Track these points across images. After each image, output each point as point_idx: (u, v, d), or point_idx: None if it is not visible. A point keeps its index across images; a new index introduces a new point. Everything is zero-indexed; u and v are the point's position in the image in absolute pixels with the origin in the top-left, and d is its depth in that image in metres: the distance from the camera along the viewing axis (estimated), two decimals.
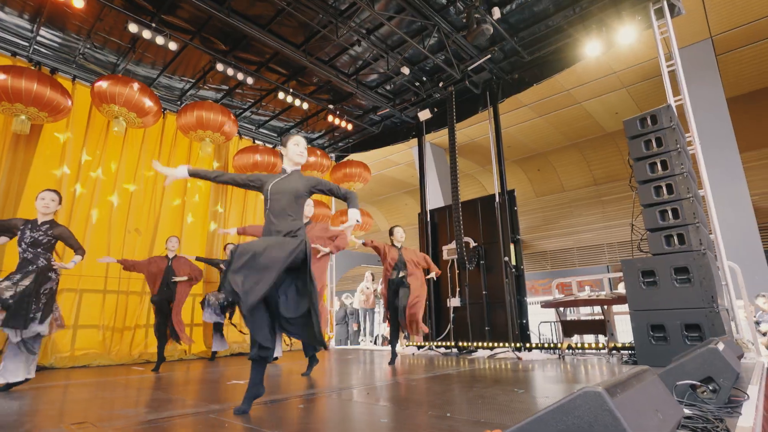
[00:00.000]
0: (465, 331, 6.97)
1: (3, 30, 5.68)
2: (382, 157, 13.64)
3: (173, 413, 2.47)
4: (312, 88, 7.51)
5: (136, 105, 5.72)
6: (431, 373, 4.18)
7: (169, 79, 7.01)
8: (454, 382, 3.49)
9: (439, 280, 7.70)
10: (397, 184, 17.02)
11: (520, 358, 5.39)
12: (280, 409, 2.56)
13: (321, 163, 8.21)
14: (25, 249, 3.51)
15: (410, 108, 8.11)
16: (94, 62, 6.39)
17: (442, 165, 12.86)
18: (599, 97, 11.01)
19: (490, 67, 7.01)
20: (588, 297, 5.23)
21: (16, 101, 4.90)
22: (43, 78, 5.15)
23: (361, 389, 3.25)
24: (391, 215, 19.70)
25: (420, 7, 5.65)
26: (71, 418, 2.36)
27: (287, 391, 3.24)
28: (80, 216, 6.08)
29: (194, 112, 6.24)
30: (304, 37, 6.25)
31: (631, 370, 1.14)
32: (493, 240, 6.96)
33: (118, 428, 2.10)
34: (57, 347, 5.56)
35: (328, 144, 9.70)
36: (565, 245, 15.67)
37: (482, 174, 15.56)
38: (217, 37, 6.11)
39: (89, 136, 6.32)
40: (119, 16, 5.49)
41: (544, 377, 3.76)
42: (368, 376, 4.17)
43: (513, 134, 12.82)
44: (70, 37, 5.88)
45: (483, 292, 6.93)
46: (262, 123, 8.59)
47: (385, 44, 6.51)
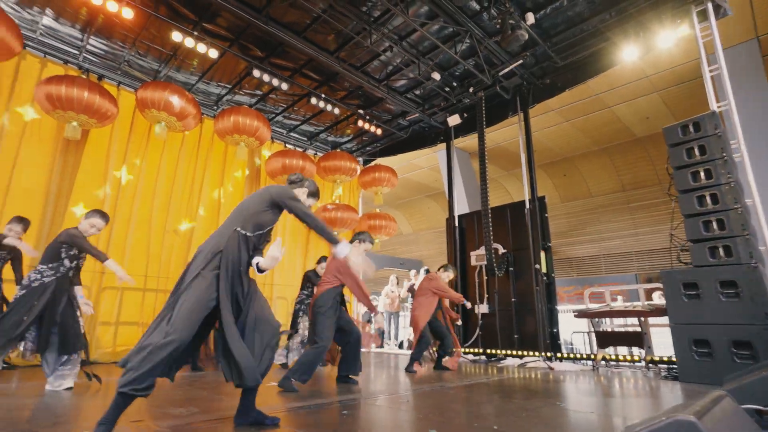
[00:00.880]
0: (493, 339, 6.92)
1: (56, 39, 5.96)
2: (406, 160, 13.67)
3: (222, 414, 2.55)
4: (343, 93, 7.61)
5: (176, 109, 5.93)
6: (465, 381, 4.18)
7: (206, 85, 7.22)
8: (490, 392, 3.49)
9: (466, 285, 7.69)
10: (421, 187, 17.03)
11: (551, 368, 5.33)
12: (323, 414, 2.62)
13: (350, 167, 8.29)
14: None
15: (439, 113, 8.12)
16: (138, 69, 6.63)
17: (467, 169, 12.81)
18: (630, 102, 10.78)
19: (522, 72, 6.97)
20: (624, 308, 5.14)
21: (68, 109, 5.14)
22: (93, 86, 5.38)
23: (397, 396, 3.29)
24: (414, 219, 19.71)
25: (453, 13, 5.67)
26: (129, 416, 2.46)
27: (328, 396, 3.29)
28: (122, 217, 6.32)
29: (231, 117, 6.41)
30: (337, 44, 6.35)
31: (709, 395, 1.14)
32: (523, 247, 6.91)
33: (173, 427, 2.19)
34: (100, 343, 5.79)
35: (357, 148, 9.79)
36: (591, 252, 15.37)
37: (507, 179, 15.42)
38: (254, 43, 6.27)
39: (132, 140, 6.57)
40: (163, 25, 5.70)
41: (580, 389, 3.72)
42: (402, 382, 4.20)
43: (539, 138, 12.66)
44: (117, 45, 6.13)
45: (512, 299, 6.88)
46: (293, 127, 8.74)
47: (416, 50, 6.55)
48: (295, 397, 3.15)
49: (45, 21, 5.67)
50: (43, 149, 5.80)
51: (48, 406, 2.79)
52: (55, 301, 3.37)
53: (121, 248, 6.25)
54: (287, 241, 8.20)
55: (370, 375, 4.77)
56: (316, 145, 9.42)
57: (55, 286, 3.39)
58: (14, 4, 5.42)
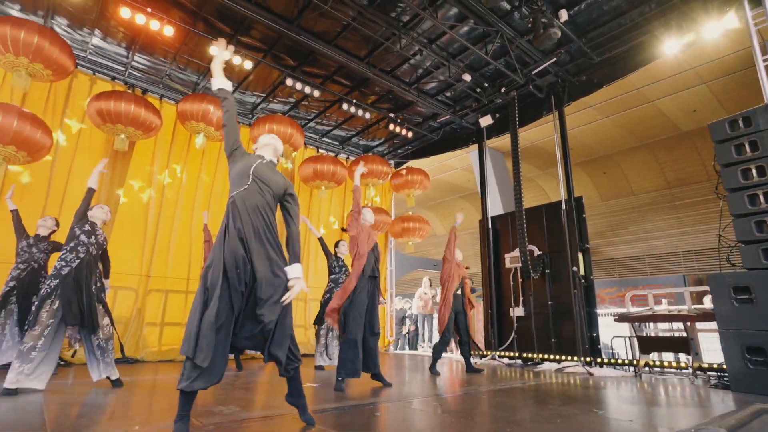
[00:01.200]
0: (529, 342, 6.78)
1: (104, 57, 6.37)
2: (438, 161, 13.58)
3: (261, 414, 2.65)
4: (374, 98, 7.69)
5: (214, 120, 6.19)
6: (499, 385, 4.13)
7: (242, 95, 7.48)
8: (525, 397, 3.43)
9: (500, 288, 7.57)
10: (453, 188, 16.88)
11: (591, 373, 5.17)
12: (354, 415, 2.66)
13: (382, 171, 8.35)
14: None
15: (470, 114, 8.05)
16: (178, 82, 6.97)
17: (501, 169, 12.59)
18: (674, 95, 10.27)
19: (556, 70, 6.80)
20: (668, 312, 4.90)
21: (117, 122, 5.49)
22: (139, 100, 5.72)
23: (429, 400, 3.29)
24: (447, 220, 19.55)
25: (483, 14, 5.62)
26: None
27: (360, 398, 3.34)
28: (165, 222, 6.66)
29: (266, 125, 6.62)
30: (367, 50, 6.42)
31: (750, 407, 1.08)
32: (559, 248, 6.73)
33: (217, 424, 2.30)
34: (147, 343, 6.11)
35: (388, 151, 9.85)
36: (634, 252, 14.74)
37: (543, 178, 15.04)
38: (286, 53, 6.44)
39: (173, 149, 6.91)
40: (200, 40, 5.97)
41: (621, 397, 3.59)
42: (434, 385, 4.20)
43: (576, 136, 12.28)
44: (158, 60, 6.47)
45: (548, 302, 6.71)
46: (325, 132, 8.90)
47: (446, 52, 6.53)
48: (327, 397, 3.22)
49: (94, 41, 6.07)
50: (94, 160, 6.17)
51: (100, 401, 2.99)
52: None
53: (165, 252, 6.57)
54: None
55: (404, 377, 4.79)
56: (348, 149, 9.55)
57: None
58: (67, 26, 5.83)
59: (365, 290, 3.89)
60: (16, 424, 2.28)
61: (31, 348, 3.18)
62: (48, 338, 3.26)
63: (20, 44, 4.71)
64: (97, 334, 3.50)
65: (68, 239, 3.56)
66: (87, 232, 3.60)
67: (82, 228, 3.59)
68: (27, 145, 4.79)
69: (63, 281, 3.36)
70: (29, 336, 3.22)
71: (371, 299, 3.97)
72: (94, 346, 3.50)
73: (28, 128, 4.74)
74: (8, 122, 4.60)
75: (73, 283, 3.38)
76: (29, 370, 3.14)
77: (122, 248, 6.13)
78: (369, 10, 5.48)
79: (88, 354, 3.53)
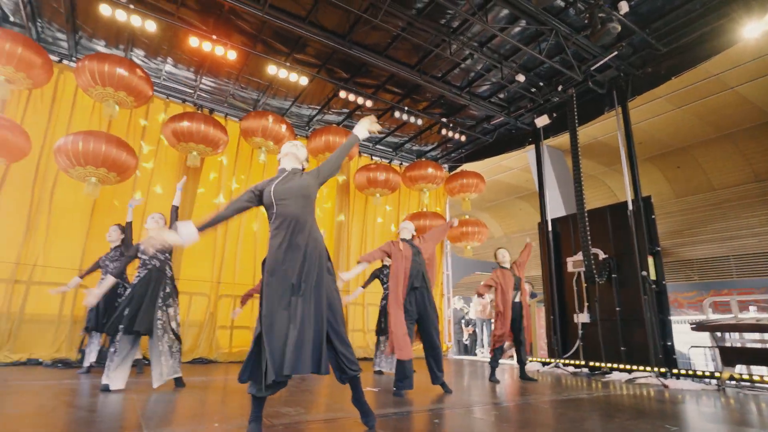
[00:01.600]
0: (596, 350, 6.45)
1: (175, 82, 6.97)
2: (493, 162, 13.28)
3: (325, 416, 2.78)
4: (425, 104, 7.73)
5: (274, 134, 6.56)
6: (562, 395, 3.99)
7: (298, 108, 7.84)
8: (591, 409, 3.30)
9: (563, 293, 7.29)
10: (511, 189, 16.42)
11: (666, 385, 4.83)
12: (414, 421, 2.71)
13: (435, 176, 8.37)
14: (153, 255, 4.01)
15: (526, 114, 7.84)
16: (241, 100, 7.46)
17: (561, 168, 12.07)
18: (760, 79, 9.31)
19: (617, 63, 6.45)
20: (756, 321, 4.46)
21: (190, 141, 6.02)
22: (208, 119, 6.22)
23: (488, 408, 3.27)
24: (505, 221, 19.06)
25: (535, 14, 5.48)
26: (247, 414, 2.80)
27: (420, 404, 3.39)
28: (233, 232, 7.13)
29: (322, 137, 6.90)
30: (417, 58, 6.49)
31: None
32: (627, 251, 6.35)
33: (285, 425, 2.46)
34: (219, 344, 6.57)
35: (442, 155, 9.83)
36: (717, 253, 13.47)
37: (609, 175, 14.21)
38: (339, 67, 6.68)
39: (238, 165, 7.41)
40: (260, 60, 6.35)
41: (702, 413, 3.34)
42: (495, 393, 4.14)
43: (645, 129, 11.49)
44: (223, 81, 6.97)
45: (616, 308, 6.36)
46: (379, 140, 9.07)
47: (498, 54, 6.43)
48: (387, 402, 3.30)
49: (167, 68, 6.67)
50: (170, 177, 6.80)
51: (179, 399, 3.28)
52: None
53: (233, 260, 7.04)
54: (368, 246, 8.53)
55: (464, 384, 4.77)
56: (402, 155, 9.65)
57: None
58: (143, 57, 6.46)
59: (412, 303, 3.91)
60: (114, 417, 2.59)
61: (113, 352, 3.57)
62: (123, 343, 3.60)
63: (106, 76, 5.31)
64: (161, 340, 3.72)
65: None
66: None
67: None
68: (116, 166, 5.37)
69: (131, 292, 3.75)
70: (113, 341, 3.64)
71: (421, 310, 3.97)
72: (157, 351, 3.72)
73: (115, 151, 5.31)
74: (98, 147, 5.19)
75: (137, 294, 3.72)
76: (112, 370, 3.52)
77: (196, 257, 6.67)
78: (418, 20, 5.55)
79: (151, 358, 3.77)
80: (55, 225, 5.83)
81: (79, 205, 5.96)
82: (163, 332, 3.74)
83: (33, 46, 5.13)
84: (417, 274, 3.98)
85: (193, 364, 6.06)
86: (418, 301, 3.98)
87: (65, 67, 6.25)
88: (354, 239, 8.52)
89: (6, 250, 5.52)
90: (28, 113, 5.90)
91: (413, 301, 3.96)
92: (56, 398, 3.13)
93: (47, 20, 5.80)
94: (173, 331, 3.85)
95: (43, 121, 5.97)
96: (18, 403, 2.94)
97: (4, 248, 5.52)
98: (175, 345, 3.86)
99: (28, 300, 5.53)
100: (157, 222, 4.06)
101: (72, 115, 6.19)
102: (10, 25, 5.80)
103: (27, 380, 4.03)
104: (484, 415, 2.99)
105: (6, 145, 4.94)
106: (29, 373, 4.52)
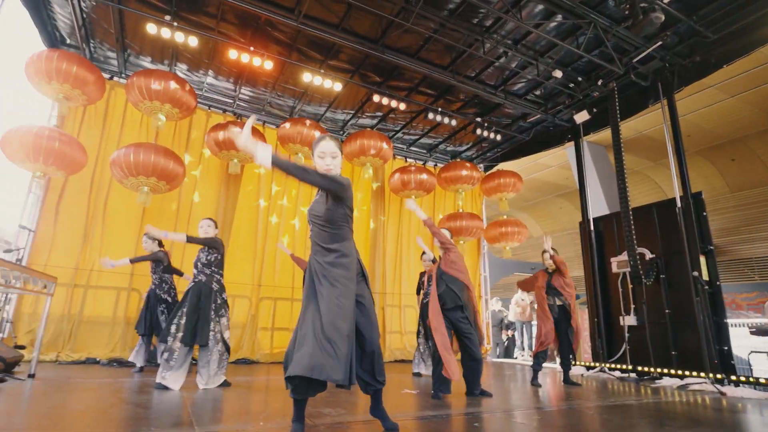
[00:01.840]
0: (644, 354, 6.16)
1: (216, 93, 7.28)
2: (530, 161, 12.96)
3: (367, 417, 2.82)
4: (459, 104, 7.67)
5: (310, 139, 6.71)
6: (608, 401, 3.85)
7: (333, 113, 7.97)
8: (638, 416, 3.16)
9: (607, 295, 7.02)
10: (549, 187, 15.96)
11: (723, 393, 4.55)
12: (452, 424, 2.70)
13: (471, 176, 8.27)
14: (200, 270, 3.97)
15: (564, 111, 7.61)
16: (277, 108, 7.68)
17: (603, 164, 11.60)
18: None
19: (662, 54, 6.15)
20: None
21: (231, 149, 6.25)
22: None
23: (530, 412, 3.20)
24: (544, 221, 18.56)
25: (571, 7, 5.32)
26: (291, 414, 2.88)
27: (460, 407, 3.36)
28: (272, 237, 7.33)
29: (357, 141, 6.98)
30: (450, 58, 6.45)
31: None
32: (676, 251, 6.04)
33: (327, 425, 2.51)
34: (260, 345, 6.77)
35: (477, 155, 9.71)
36: None
37: (655, 170, 13.55)
38: (372, 71, 6.74)
39: (276, 172, 7.60)
40: (295, 68, 6.51)
41: (766, 424, 3.13)
42: (536, 397, 4.05)
43: (694, 121, 10.88)
44: (260, 90, 7.20)
45: (666, 310, 6.05)
46: (413, 141, 9.07)
47: (533, 51, 6.29)
48: (426, 404, 3.30)
49: (208, 80, 6.96)
50: (213, 184, 7.09)
51: (226, 398, 3.42)
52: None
53: (272, 263, 7.24)
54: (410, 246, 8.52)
55: (504, 387, 4.69)
56: (436, 156, 9.61)
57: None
58: (186, 71, 6.77)
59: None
60: (167, 414, 2.73)
61: (167, 358, 3.71)
62: (181, 353, 3.74)
63: (153, 91, 5.61)
64: (212, 349, 3.84)
65: None
66: (195, 262, 4.03)
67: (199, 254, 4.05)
68: (165, 175, 5.65)
69: (182, 304, 3.87)
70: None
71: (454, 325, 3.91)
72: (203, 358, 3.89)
73: (163, 161, 5.60)
74: (148, 158, 5.49)
75: (190, 307, 3.81)
76: (170, 373, 3.68)
77: (237, 260, 6.91)
78: (450, 20, 5.52)
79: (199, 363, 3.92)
80: (109, 232, 6.21)
81: (131, 213, 6.32)
82: (215, 342, 3.88)
83: (87, 65, 5.49)
84: (448, 290, 3.93)
85: (237, 364, 6.27)
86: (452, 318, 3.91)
87: (116, 84, 6.66)
88: (389, 243, 8.55)
89: (66, 256, 5.94)
90: (84, 128, 6.32)
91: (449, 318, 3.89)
92: (113, 395, 3.34)
93: (99, 40, 6.20)
94: (224, 341, 3.98)
95: (97, 135, 6.39)
96: (80, 400, 3.16)
97: (64, 255, 5.94)
98: (225, 354, 3.99)
99: (86, 303, 5.92)
100: (206, 228, 4.06)
101: (122, 128, 6.59)
102: (66, 46, 6.25)
103: (86, 378, 4.32)
104: (525, 420, 2.93)
105: (65, 158, 5.32)
106: (88, 371, 4.84)
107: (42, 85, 5.39)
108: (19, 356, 4.32)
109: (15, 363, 4.15)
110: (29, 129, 5.19)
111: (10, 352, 4.12)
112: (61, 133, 5.42)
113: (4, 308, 5.44)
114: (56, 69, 5.22)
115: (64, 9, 5.61)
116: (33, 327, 5.50)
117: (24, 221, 5.92)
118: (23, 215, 5.96)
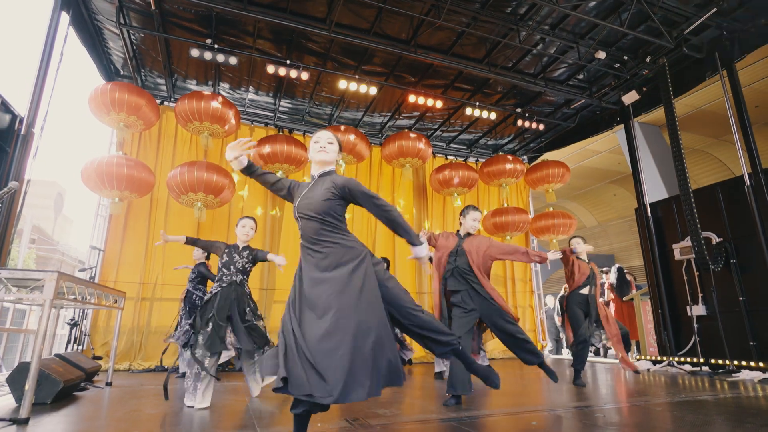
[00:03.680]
0: (717, 346, 5.72)
1: (257, 108, 7.56)
2: (578, 148, 12.39)
3: (419, 417, 2.82)
4: (497, 97, 7.49)
5: (349, 146, 6.80)
6: (677, 397, 3.60)
7: (370, 117, 8.04)
8: (714, 412, 2.93)
9: (671, 284, 6.58)
10: (600, 174, 15.20)
11: None
12: (511, 422, 2.63)
13: (515, 169, 8.05)
14: (234, 273, 3.65)
15: (611, 93, 7.24)
16: (316, 117, 7.86)
17: (658, 145, 10.89)
18: None
19: (718, 21, 5.71)
20: None
21: (275, 161, 6.48)
22: (289, 140, 6.65)
23: (592, 411, 3.06)
24: (598, 209, 17.70)
25: None
26: (346, 414, 2.94)
27: (516, 405, 3.28)
28: (280, 246, 7.46)
29: (395, 143, 7.00)
30: (485, 51, 6.32)
31: None
32: (747, 233, 5.56)
33: (382, 425, 2.53)
34: None
35: (519, 147, 9.44)
36: None
37: (717, 147, 12.56)
38: (406, 71, 6.74)
39: None
40: (330, 76, 6.63)
41: None
42: (596, 395, 3.86)
43: (761, 90, 9.95)
44: (298, 101, 7.40)
45: (739, 297, 5.59)
46: (452, 138, 8.96)
47: (572, 34, 6.04)
48: (478, 403, 3.24)
49: (249, 96, 7.24)
50: (258, 197, 7.36)
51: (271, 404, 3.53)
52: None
53: None
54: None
55: (558, 384, 4.51)
56: (477, 151, 9.43)
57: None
58: (228, 89, 7.08)
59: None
60: (230, 417, 2.87)
61: (198, 373, 3.46)
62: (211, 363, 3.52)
63: (197, 112, 5.92)
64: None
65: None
66: (226, 263, 3.65)
67: (222, 258, 3.70)
68: (215, 190, 5.95)
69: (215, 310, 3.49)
70: None
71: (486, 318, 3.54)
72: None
73: (215, 177, 5.89)
74: (200, 175, 5.79)
75: (211, 309, 3.47)
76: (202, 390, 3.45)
77: (286, 276, 7.05)
78: (482, 13, 5.42)
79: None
80: (169, 247, 6.60)
81: (188, 228, 6.69)
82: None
83: (141, 93, 5.88)
84: (455, 273, 3.60)
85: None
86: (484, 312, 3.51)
87: (166, 108, 7.08)
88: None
89: (131, 271, 6.39)
90: (141, 151, 6.78)
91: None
92: (181, 400, 3.54)
93: (149, 69, 6.62)
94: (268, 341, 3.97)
95: (153, 156, 6.82)
96: (153, 404, 3.39)
97: (129, 270, 6.39)
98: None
99: (152, 314, 6.34)
100: (248, 229, 3.81)
101: (175, 148, 7.00)
102: (121, 77, 6.73)
103: (158, 384, 4.61)
104: (583, 418, 2.81)
105: (135, 181, 5.73)
106: (157, 378, 5.16)
107: (103, 116, 5.83)
108: (98, 366, 4.69)
109: (94, 373, 4.51)
110: (101, 159, 5.65)
111: (89, 363, 4.49)
112: (128, 159, 5.84)
113: (82, 323, 5.94)
114: (115, 100, 5.63)
115: (116, 43, 6.05)
116: (107, 339, 5.96)
117: (94, 241, 6.44)
118: (93, 236, 6.49)
